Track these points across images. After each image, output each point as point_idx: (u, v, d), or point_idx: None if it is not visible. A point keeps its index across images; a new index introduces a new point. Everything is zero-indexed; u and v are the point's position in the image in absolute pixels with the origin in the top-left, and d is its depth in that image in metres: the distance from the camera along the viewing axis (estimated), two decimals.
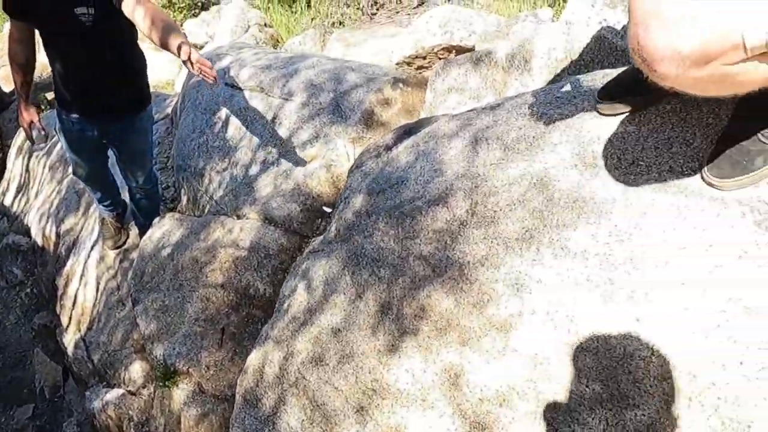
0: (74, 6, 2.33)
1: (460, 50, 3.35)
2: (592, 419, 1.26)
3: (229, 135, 3.16)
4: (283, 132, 2.93)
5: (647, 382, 1.22)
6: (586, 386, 1.28)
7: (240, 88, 3.25)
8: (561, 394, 1.30)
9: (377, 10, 6.33)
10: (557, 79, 2.12)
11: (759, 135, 1.25)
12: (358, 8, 6.46)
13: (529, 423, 1.33)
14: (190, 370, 2.52)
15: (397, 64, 3.95)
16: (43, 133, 2.69)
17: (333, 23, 6.55)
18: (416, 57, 3.82)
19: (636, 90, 1.46)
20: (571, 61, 2.08)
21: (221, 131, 3.19)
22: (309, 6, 6.92)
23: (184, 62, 1.95)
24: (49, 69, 2.66)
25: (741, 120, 1.29)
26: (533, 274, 1.42)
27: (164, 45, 2.08)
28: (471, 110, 1.84)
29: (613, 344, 1.27)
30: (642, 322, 1.25)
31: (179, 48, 1.97)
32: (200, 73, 1.92)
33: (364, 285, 1.74)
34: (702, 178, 1.32)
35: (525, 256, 1.44)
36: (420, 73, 3.46)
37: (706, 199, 1.30)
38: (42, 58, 2.65)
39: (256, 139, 3.01)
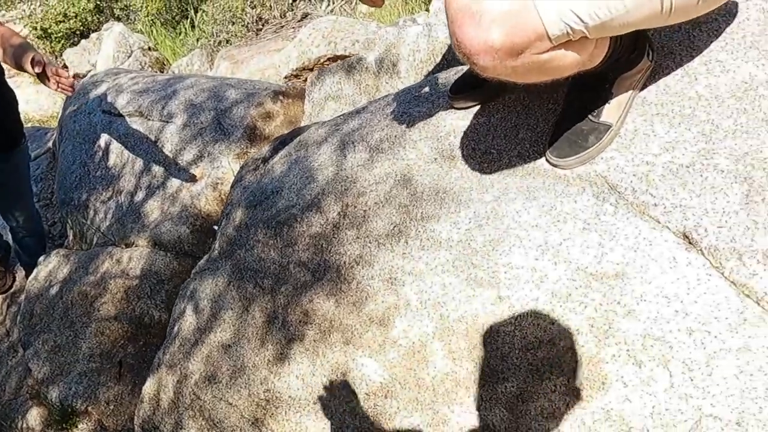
0: None
1: (346, 59, 3.41)
2: (468, 398, 1.32)
3: (111, 163, 3.07)
4: (166, 155, 2.89)
5: (513, 355, 1.29)
6: (460, 366, 1.34)
7: (119, 115, 3.17)
8: (438, 378, 1.36)
9: (262, 25, 6.31)
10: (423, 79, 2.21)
11: (589, 115, 1.35)
12: (243, 25, 6.42)
13: (412, 409, 1.38)
14: (89, 408, 2.44)
15: (285, 77, 3.97)
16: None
17: (219, 42, 6.48)
18: (303, 69, 3.85)
19: (483, 83, 1.54)
20: (434, 62, 2.17)
21: (102, 160, 3.10)
22: (193, 27, 6.82)
23: (39, 76, 1.89)
24: None
25: (572, 102, 1.39)
26: (405, 267, 1.47)
27: (19, 65, 2.01)
28: (339, 116, 1.89)
29: (480, 324, 1.34)
30: (503, 299, 1.33)
31: (32, 62, 1.90)
32: (57, 86, 1.86)
33: (250, 298, 1.74)
34: (546, 159, 1.41)
35: (396, 251, 1.50)
36: (303, 84, 3.49)
37: (551, 178, 1.40)
38: None
39: (139, 165, 2.95)
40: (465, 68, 1.68)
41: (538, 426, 1.25)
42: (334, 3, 5.77)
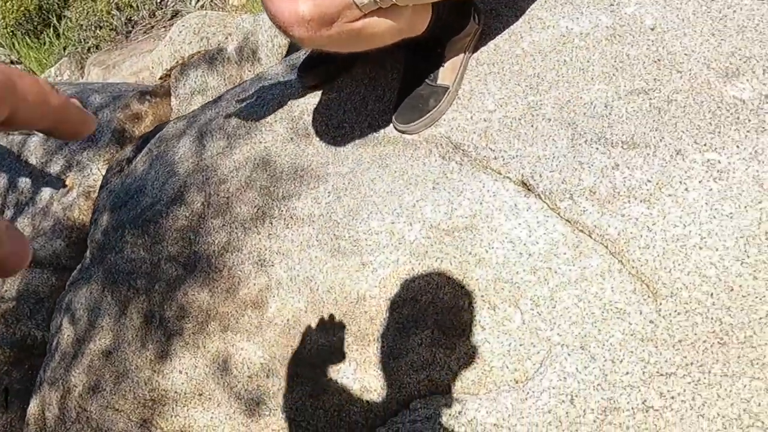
0: None
1: (207, 51, 3.35)
2: (344, 364, 1.36)
3: None
4: (31, 169, 2.75)
5: (381, 316, 1.35)
6: (334, 335, 1.38)
7: None
8: (314, 349, 1.39)
9: (132, 27, 6.08)
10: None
11: (427, 80, 1.42)
12: (111, 29, 6.16)
13: (294, 384, 1.41)
14: None
15: (160, 78, 3.86)
16: None
17: (88, 48, 6.19)
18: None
19: (329, 60, 1.58)
20: (292, 45, 2.18)
21: None
22: (58, 35, 6.48)
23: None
24: None
25: (410, 70, 1.45)
26: (272, 247, 1.49)
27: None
28: (197, 108, 1.88)
29: (348, 291, 1.38)
30: (367, 265, 1.38)
31: None
32: None
33: (125, 300, 1.71)
34: (394, 127, 1.47)
35: (262, 233, 1.51)
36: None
37: (400, 145, 1.45)
38: None
39: (2, 183, 2.80)
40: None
41: (410, 379, 1.30)
42: None
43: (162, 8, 5.99)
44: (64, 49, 6.37)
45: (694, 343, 1.14)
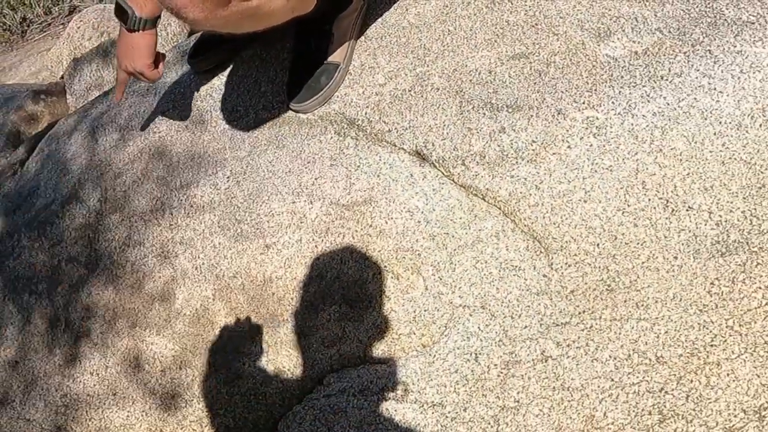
0: None
1: (99, 45, 3.23)
2: (254, 346, 1.36)
3: None
4: None
5: (288, 296, 1.35)
6: (244, 320, 1.38)
7: None
8: (225, 336, 1.39)
9: (27, 27, 5.78)
10: None
11: (316, 58, 1.42)
12: (5, 29, 5.84)
13: (208, 374, 1.40)
14: None
15: (61, 77, 3.69)
16: None
17: None
18: None
19: (220, 43, 1.55)
20: (185, 33, 2.13)
21: None
22: None
23: None
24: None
25: (300, 48, 1.45)
26: (174, 238, 1.47)
27: None
28: (87, 102, 1.81)
29: (254, 275, 1.38)
30: (270, 247, 1.37)
31: None
32: None
33: (28, 307, 1.65)
34: (288, 107, 1.46)
35: (162, 224, 1.49)
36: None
37: (296, 124, 1.45)
38: None
39: None
40: (202, 32, 1.68)
41: (321, 355, 1.32)
42: None
43: (58, 3, 5.72)
44: None
45: (585, 292, 1.20)
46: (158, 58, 1.37)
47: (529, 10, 1.37)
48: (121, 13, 1.32)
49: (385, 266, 1.30)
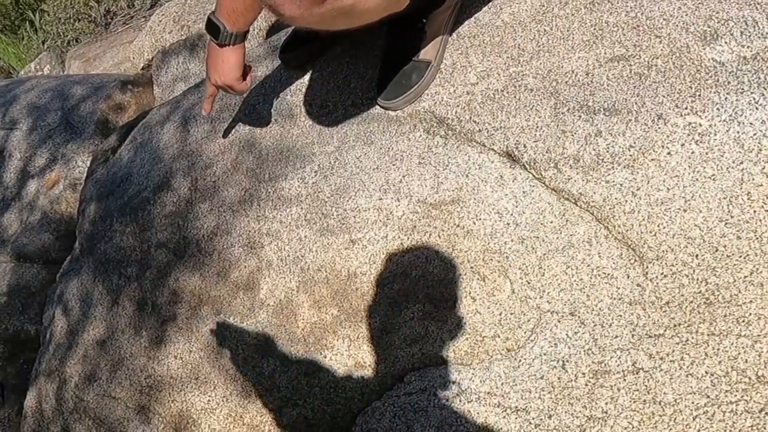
0: None
1: (188, 38, 3.32)
2: (337, 340, 1.37)
3: None
4: (15, 164, 2.73)
5: (372, 292, 1.35)
6: (326, 314, 1.39)
7: None
8: (307, 329, 1.40)
9: (111, 19, 6.01)
10: None
11: (408, 55, 1.41)
12: (90, 21, 6.08)
13: (288, 365, 1.42)
14: None
15: (142, 68, 3.83)
16: None
17: (68, 41, 6.11)
18: None
19: (310, 39, 1.57)
20: (272, 26, 2.17)
21: None
22: (36, 29, 6.39)
23: None
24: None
25: (392, 46, 1.45)
26: (261, 229, 1.50)
27: None
28: (180, 93, 1.87)
29: (339, 269, 1.39)
30: (356, 242, 1.38)
31: None
32: None
33: (116, 289, 1.71)
34: (378, 104, 1.46)
35: (250, 215, 1.52)
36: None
37: (384, 121, 1.45)
38: None
39: None
40: (294, 28, 1.70)
41: (403, 353, 1.32)
42: None
43: None
44: (43, 43, 6.28)
45: (681, 304, 1.16)
46: (246, 71, 1.41)
47: (630, 11, 1.33)
48: (212, 28, 1.36)
49: (472, 267, 1.29)
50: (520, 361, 1.22)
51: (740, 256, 1.13)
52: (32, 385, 1.91)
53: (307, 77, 1.59)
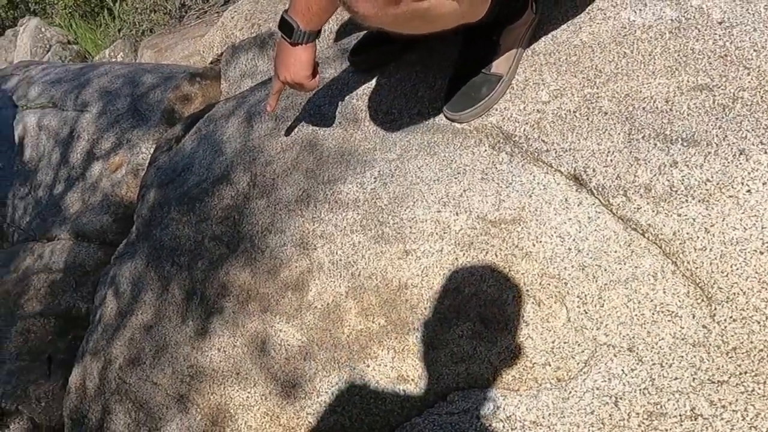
0: None
1: (258, 35, 3.37)
2: (382, 351, 1.35)
3: (27, 157, 2.98)
4: (83, 145, 2.81)
5: (422, 305, 1.33)
6: (373, 322, 1.37)
7: (31, 107, 3.07)
8: (353, 336, 1.38)
9: (185, 12, 6.17)
10: None
11: (481, 68, 1.39)
12: (165, 13, 6.26)
13: (330, 369, 1.40)
14: (20, 407, 2.37)
15: (211, 62, 3.90)
16: None
17: (142, 31, 6.30)
18: None
19: (381, 44, 1.56)
20: (343, 29, 2.17)
21: (17, 155, 3.00)
22: (113, 17, 6.61)
23: None
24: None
25: (464, 57, 1.43)
26: (315, 231, 1.49)
27: None
28: (247, 89, 1.88)
29: (390, 279, 1.37)
30: (410, 253, 1.36)
31: None
32: None
33: (168, 277, 1.73)
34: (444, 115, 1.44)
35: (305, 216, 1.51)
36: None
37: (449, 133, 1.43)
38: None
39: (55, 158, 2.87)
40: (365, 31, 1.69)
41: (448, 371, 1.29)
42: None
43: None
44: (119, 31, 6.49)
45: (750, 351, 1.09)
46: (315, 70, 1.41)
47: (719, 40, 1.27)
48: (285, 26, 1.36)
49: (527, 290, 1.25)
50: (570, 392, 1.17)
51: None
52: (78, 362, 1.95)
53: (374, 82, 1.58)
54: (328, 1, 1.31)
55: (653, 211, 1.18)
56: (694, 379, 1.11)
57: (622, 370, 1.15)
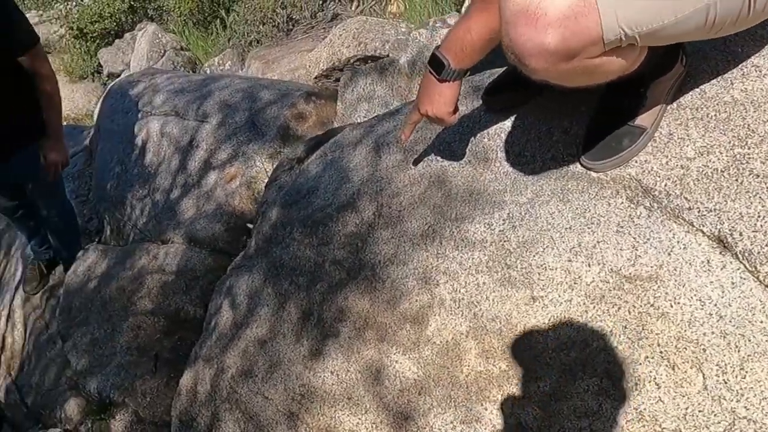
0: None
1: (375, 60, 3.44)
2: (501, 396, 1.34)
3: (147, 161, 3.15)
4: (201, 154, 2.95)
5: (546, 355, 1.31)
6: (494, 365, 1.37)
7: (155, 114, 3.25)
8: (471, 376, 1.39)
9: (293, 26, 6.37)
10: None
11: (624, 119, 1.37)
12: (273, 26, 6.48)
13: (446, 406, 1.41)
14: (126, 400, 2.50)
15: (315, 77, 4.02)
16: None
17: (250, 42, 6.55)
18: (333, 69, 3.89)
19: (517, 86, 1.56)
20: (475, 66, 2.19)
21: (138, 158, 3.18)
22: (225, 27, 6.92)
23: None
24: None
25: (607, 106, 1.41)
26: (439, 267, 1.50)
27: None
28: (373, 117, 1.93)
29: (514, 323, 1.36)
30: (537, 300, 1.35)
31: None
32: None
33: (285, 294, 1.79)
34: (580, 162, 1.43)
35: (430, 251, 1.53)
36: (335, 85, 3.53)
37: (585, 181, 1.41)
38: None
39: (174, 164, 3.02)
40: (500, 70, 1.70)
41: (570, 425, 1.27)
42: (364, 3, 5.79)
43: (323, 10, 6.23)
44: (229, 40, 6.78)
45: None
46: (456, 106, 1.43)
47: None
48: (435, 63, 1.39)
49: (661, 352, 1.21)
50: None
51: None
52: (190, 366, 2.04)
53: (507, 123, 1.59)
54: (483, 45, 1.32)
55: None
56: None
57: None
